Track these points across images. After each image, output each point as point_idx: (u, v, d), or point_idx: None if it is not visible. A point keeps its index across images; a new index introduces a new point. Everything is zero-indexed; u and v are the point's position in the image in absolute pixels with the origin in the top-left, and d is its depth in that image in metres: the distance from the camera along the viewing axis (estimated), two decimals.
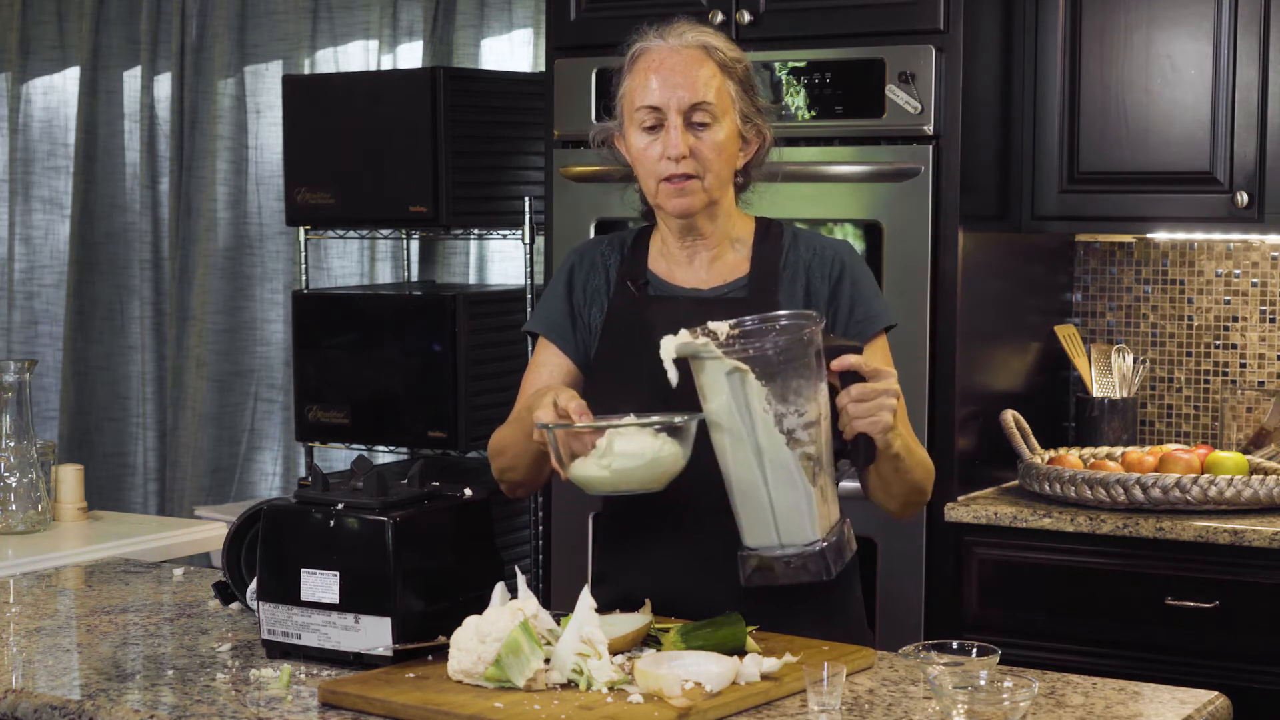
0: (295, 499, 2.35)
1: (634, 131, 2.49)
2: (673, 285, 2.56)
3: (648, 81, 2.47)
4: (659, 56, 2.48)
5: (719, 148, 2.47)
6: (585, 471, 2.26)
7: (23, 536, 3.54)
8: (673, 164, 2.45)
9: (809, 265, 2.54)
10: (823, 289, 2.52)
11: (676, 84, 2.45)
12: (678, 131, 2.44)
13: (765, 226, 2.59)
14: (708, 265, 2.55)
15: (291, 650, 2.31)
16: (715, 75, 2.48)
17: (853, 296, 2.53)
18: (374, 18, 5.12)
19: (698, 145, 2.45)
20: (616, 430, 2.24)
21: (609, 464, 2.24)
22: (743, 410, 2.24)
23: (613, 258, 2.62)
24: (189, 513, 5.26)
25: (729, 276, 2.55)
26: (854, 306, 2.53)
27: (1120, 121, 3.72)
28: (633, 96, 2.49)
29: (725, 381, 2.24)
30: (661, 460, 2.25)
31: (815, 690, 2.06)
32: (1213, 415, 4.00)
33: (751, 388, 2.23)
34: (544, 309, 2.65)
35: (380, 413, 4.40)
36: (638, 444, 2.24)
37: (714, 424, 2.27)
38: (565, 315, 2.61)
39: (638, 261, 2.60)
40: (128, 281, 5.76)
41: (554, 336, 2.62)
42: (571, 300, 2.61)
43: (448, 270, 5.04)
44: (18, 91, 5.90)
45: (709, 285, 2.55)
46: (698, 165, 2.46)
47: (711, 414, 2.27)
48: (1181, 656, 3.35)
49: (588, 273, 2.62)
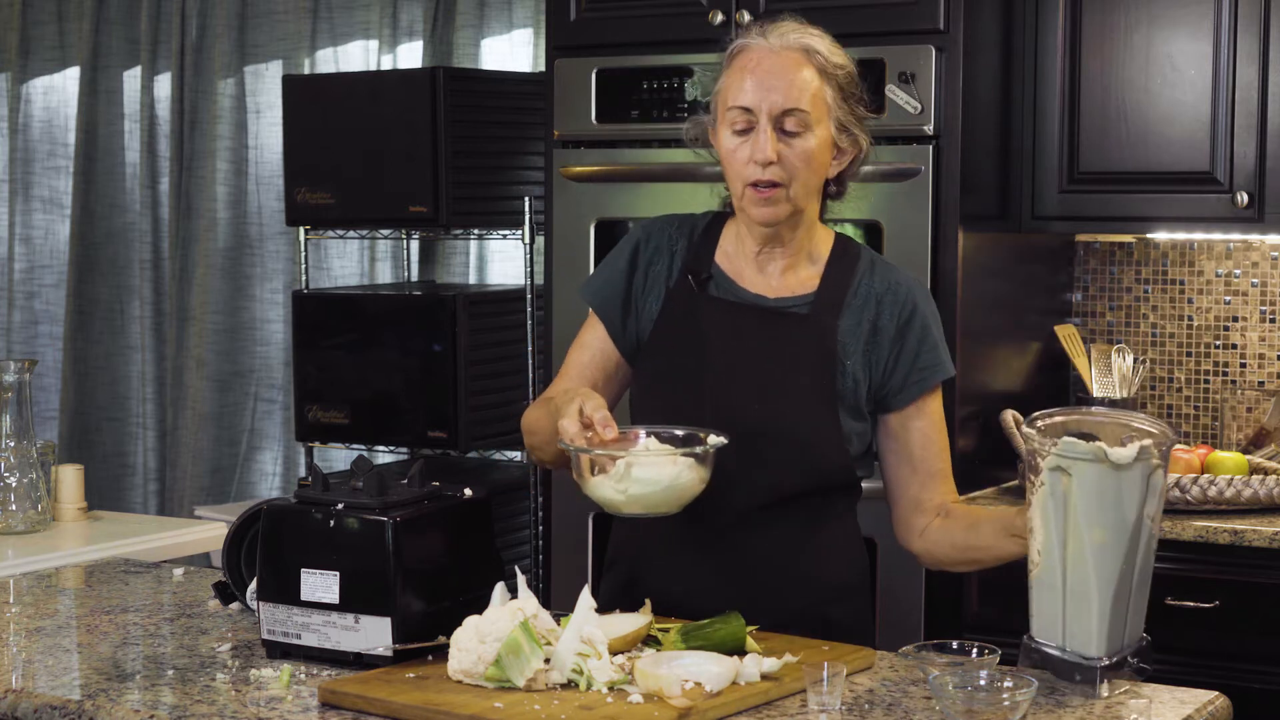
0: (295, 499, 2.35)
1: (724, 131, 2.42)
2: (737, 287, 2.50)
3: (743, 81, 2.40)
4: (757, 56, 2.41)
5: (809, 157, 2.40)
6: (602, 492, 2.26)
7: (23, 536, 3.54)
8: (759, 169, 2.38)
9: (880, 298, 2.47)
10: (890, 326, 2.47)
11: (771, 86, 2.38)
12: (767, 136, 2.37)
13: (844, 246, 2.52)
14: (779, 274, 2.49)
15: (291, 650, 2.31)
16: (814, 80, 2.40)
17: (920, 341, 2.48)
18: (374, 18, 5.12)
19: (787, 152, 2.38)
20: (635, 455, 2.22)
21: (625, 489, 2.23)
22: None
23: (680, 242, 2.54)
24: (189, 513, 5.26)
25: (797, 290, 2.48)
26: (919, 353, 2.48)
27: (1120, 121, 3.72)
28: (726, 95, 2.42)
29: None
30: (678, 487, 2.23)
31: (815, 690, 2.06)
32: (1213, 415, 4.00)
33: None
34: (601, 282, 2.56)
35: (380, 413, 4.40)
36: (655, 471, 2.22)
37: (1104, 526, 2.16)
38: (621, 294, 2.53)
39: (705, 252, 2.52)
40: (128, 281, 5.75)
41: (604, 315, 2.54)
42: (631, 281, 2.53)
43: (448, 270, 5.04)
44: (18, 91, 5.90)
45: (774, 295, 2.48)
46: (784, 173, 2.39)
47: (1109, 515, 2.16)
48: (1181, 656, 3.35)
49: (652, 255, 2.54)
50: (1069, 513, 2.13)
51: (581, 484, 2.28)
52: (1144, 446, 2.12)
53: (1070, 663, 2.16)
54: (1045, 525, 2.16)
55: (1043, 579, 2.18)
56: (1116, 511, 2.12)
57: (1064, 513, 2.14)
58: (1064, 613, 2.16)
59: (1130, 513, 2.13)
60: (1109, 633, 2.14)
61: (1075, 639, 2.16)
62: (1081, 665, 2.15)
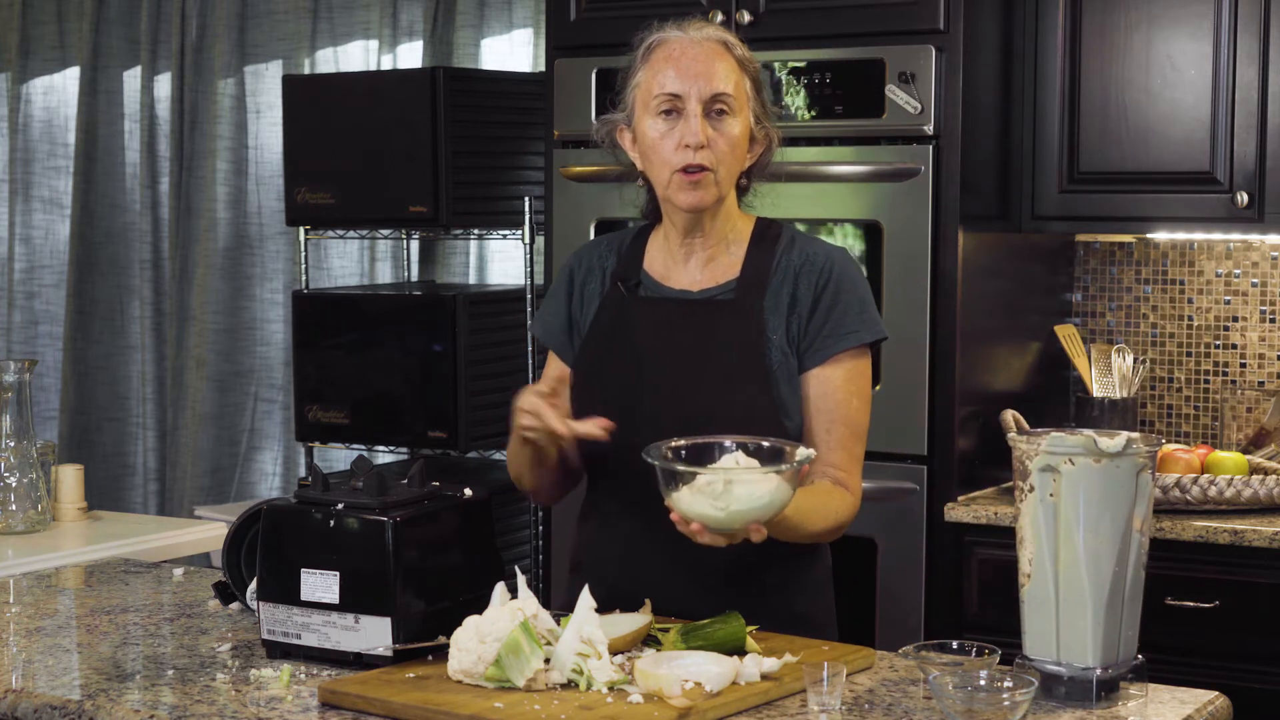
0: (295, 499, 2.35)
1: (649, 120, 2.46)
2: (664, 286, 2.56)
3: (668, 69, 2.45)
4: (679, 47, 2.47)
5: (734, 142, 2.46)
6: (698, 509, 2.19)
7: (23, 536, 3.54)
8: (691, 153, 2.43)
9: (799, 270, 2.51)
10: (807, 296, 2.49)
11: (698, 73, 2.44)
12: (698, 120, 2.43)
13: (764, 228, 2.57)
14: (702, 266, 2.54)
15: (291, 650, 2.31)
16: (734, 69, 2.47)
17: (831, 306, 2.49)
18: (374, 18, 5.12)
19: (715, 137, 2.44)
20: (734, 474, 2.19)
21: (725, 506, 2.18)
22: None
23: (609, 259, 2.61)
24: (189, 513, 5.26)
25: (720, 279, 2.53)
26: (830, 317, 2.49)
27: (1120, 121, 3.72)
28: (650, 85, 2.46)
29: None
30: (775, 503, 2.20)
31: (815, 690, 2.06)
32: (1213, 415, 4.00)
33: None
34: (546, 316, 2.65)
35: (380, 413, 4.40)
36: (756, 489, 2.18)
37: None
38: (564, 321, 2.62)
39: (633, 261, 2.59)
40: (128, 281, 5.76)
41: (552, 343, 2.63)
42: (570, 306, 2.62)
43: (448, 270, 5.04)
44: (18, 91, 5.90)
45: (699, 287, 2.54)
46: (713, 158, 2.44)
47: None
48: (1181, 656, 3.35)
49: (585, 276, 2.62)
50: (1059, 516, 2.13)
51: (672, 499, 2.22)
52: (1131, 439, 2.12)
53: (1065, 676, 2.15)
54: (1035, 534, 2.15)
55: (1034, 593, 2.17)
56: (1107, 510, 2.12)
57: (1054, 517, 2.13)
58: (1057, 624, 2.15)
59: (1121, 512, 2.12)
60: (1103, 642, 2.14)
61: (1070, 650, 2.15)
62: (1077, 677, 2.14)
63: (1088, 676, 2.13)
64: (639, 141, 2.50)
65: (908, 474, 3.61)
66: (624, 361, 2.52)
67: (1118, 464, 2.12)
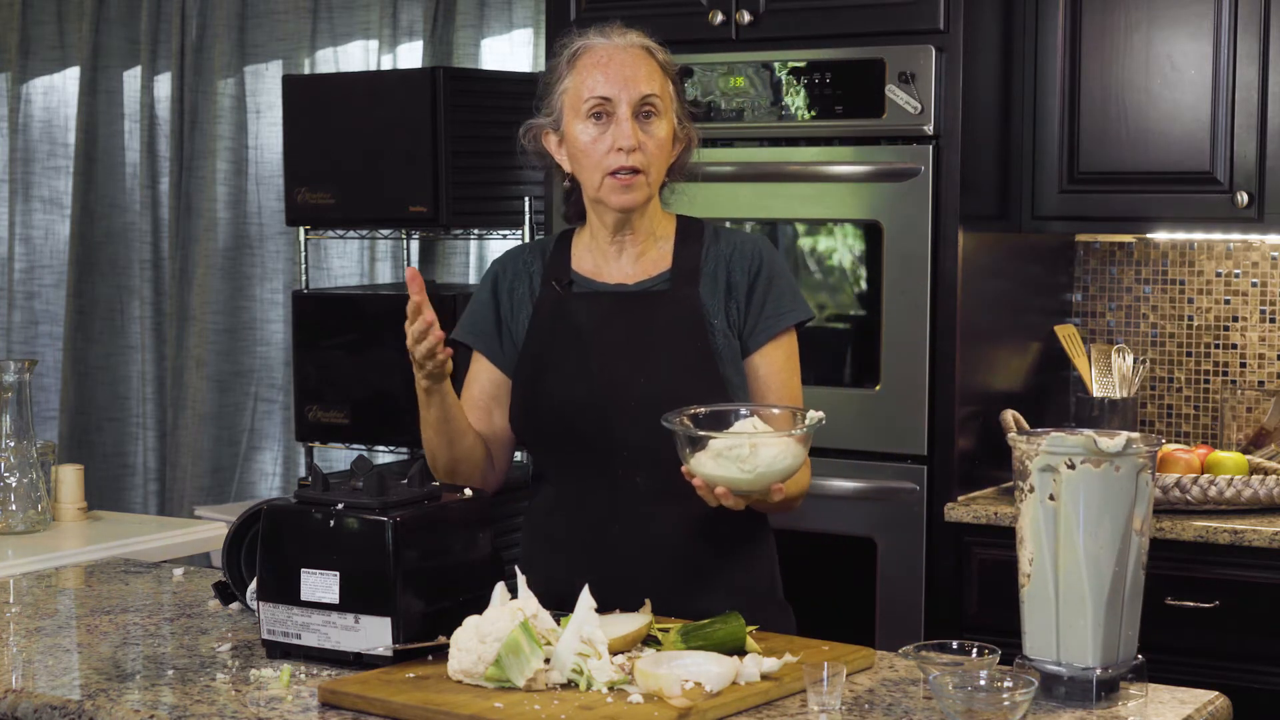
0: (295, 499, 2.35)
1: (578, 124, 2.53)
2: (596, 282, 2.61)
3: (596, 74, 2.52)
4: (606, 53, 2.55)
5: (662, 143, 2.54)
6: (723, 472, 2.27)
7: (23, 536, 3.54)
8: (623, 155, 2.50)
9: (730, 259, 2.59)
10: (742, 282, 2.58)
11: (627, 77, 2.52)
12: (629, 123, 2.50)
13: (686, 224, 2.65)
14: (634, 261, 2.61)
15: (291, 650, 2.31)
16: (657, 73, 2.56)
17: (766, 290, 2.59)
18: (374, 18, 5.12)
19: (645, 139, 2.52)
20: (759, 438, 2.27)
21: (753, 468, 2.27)
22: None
23: (535, 264, 2.67)
24: (189, 513, 5.26)
25: (653, 271, 2.60)
26: (765, 302, 2.58)
27: (1120, 121, 3.73)
28: (579, 90, 2.53)
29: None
30: (796, 465, 2.30)
31: (815, 690, 2.06)
32: (1213, 415, 4.00)
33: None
34: (470, 319, 2.69)
35: (380, 413, 4.40)
36: (780, 450, 2.27)
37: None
38: (493, 325, 2.66)
39: (561, 263, 2.64)
40: (128, 281, 5.76)
41: (482, 346, 2.67)
42: (498, 309, 2.66)
43: (448, 270, 5.04)
44: (18, 91, 5.90)
45: (634, 280, 2.60)
46: (644, 159, 2.51)
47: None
48: (1181, 656, 3.35)
49: (512, 281, 2.67)
50: (1059, 517, 2.13)
51: (693, 464, 2.29)
52: (1131, 439, 2.13)
53: (1065, 676, 2.15)
54: (1035, 534, 2.15)
55: (1034, 593, 2.17)
56: (1107, 512, 2.12)
57: (1054, 518, 2.13)
58: (1057, 624, 2.15)
59: (1121, 513, 2.12)
60: (1103, 642, 2.14)
61: (1070, 650, 2.15)
62: (1077, 677, 2.14)
63: (1088, 676, 2.13)
64: (568, 145, 2.57)
65: (908, 474, 3.61)
66: (568, 355, 2.57)
67: (1118, 466, 2.11)
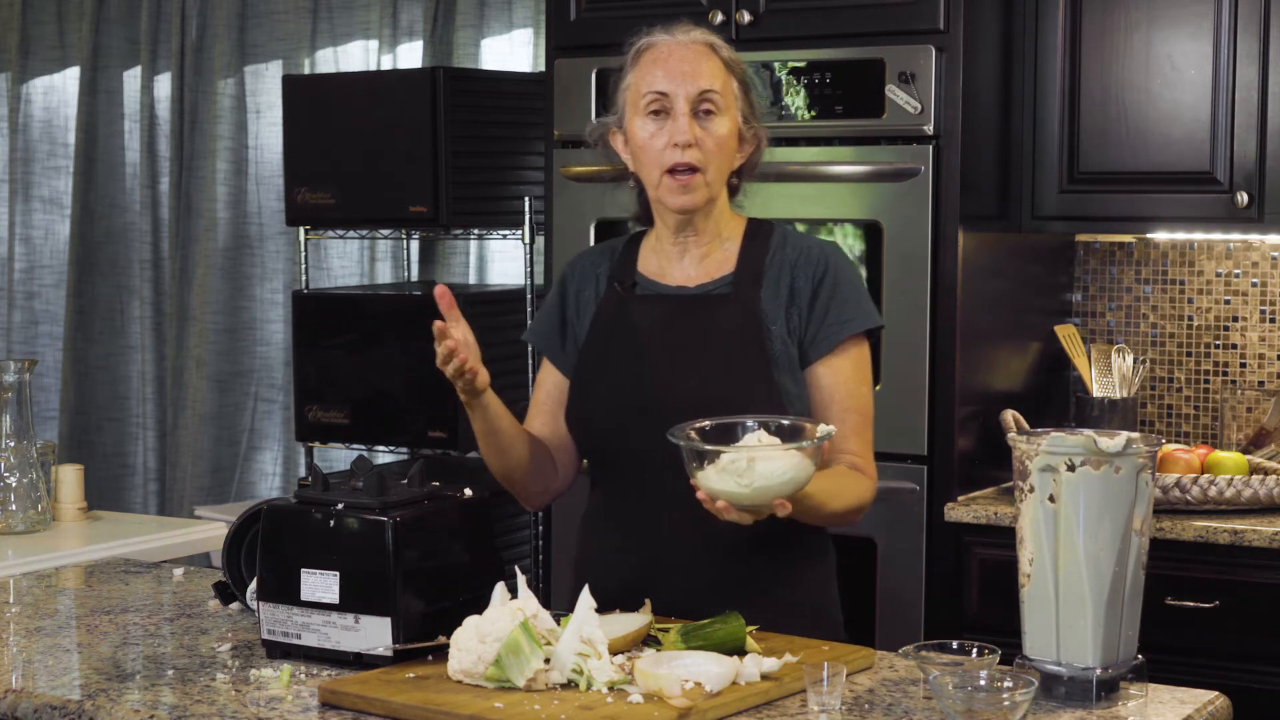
0: (295, 499, 2.35)
1: (638, 120, 2.51)
2: (660, 284, 2.59)
3: (656, 70, 2.49)
4: (666, 49, 2.51)
5: (722, 141, 2.50)
6: (723, 486, 2.23)
7: (23, 536, 3.54)
8: (679, 152, 2.47)
9: (794, 264, 2.55)
10: (806, 287, 2.54)
11: (685, 73, 2.48)
12: (685, 119, 2.47)
13: (756, 226, 2.61)
14: (697, 262, 2.57)
15: (291, 650, 2.31)
16: (720, 70, 2.51)
17: (831, 297, 2.54)
18: (374, 18, 5.12)
19: (703, 136, 2.48)
20: (757, 451, 2.23)
21: (749, 483, 2.22)
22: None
23: (603, 265, 2.65)
24: (189, 513, 5.26)
25: (715, 274, 2.57)
26: (830, 308, 2.53)
27: (1120, 121, 3.72)
28: (638, 86, 2.51)
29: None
30: (799, 479, 2.23)
31: (815, 690, 2.06)
32: (1213, 415, 4.00)
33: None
34: (538, 322, 2.68)
35: (380, 413, 4.40)
36: (778, 465, 2.22)
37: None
38: (557, 329, 2.65)
39: (627, 264, 2.62)
40: (128, 281, 5.75)
41: (547, 350, 2.66)
42: (565, 313, 2.65)
43: (448, 270, 5.04)
44: (18, 91, 5.90)
45: (696, 282, 2.57)
46: (702, 157, 2.48)
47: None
48: (1181, 656, 3.35)
49: (579, 284, 2.65)
50: (1059, 518, 2.13)
51: (697, 478, 2.26)
52: (1131, 439, 2.12)
53: (1065, 676, 2.15)
54: (1035, 534, 2.15)
55: (1034, 593, 2.17)
56: (1106, 513, 2.12)
57: (1054, 519, 2.13)
58: (1057, 624, 2.15)
59: (1121, 513, 2.12)
60: (1103, 642, 2.14)
61: (1070, 650, 2.15)
62: (1077, 677, 2.14)
63: (1088, 676, 2.13)
64: (630, 143, 2.54)
65: (908, 474, 3.61)
66: (626, 358, 2.54)
67: (1118, 467, 2.11)
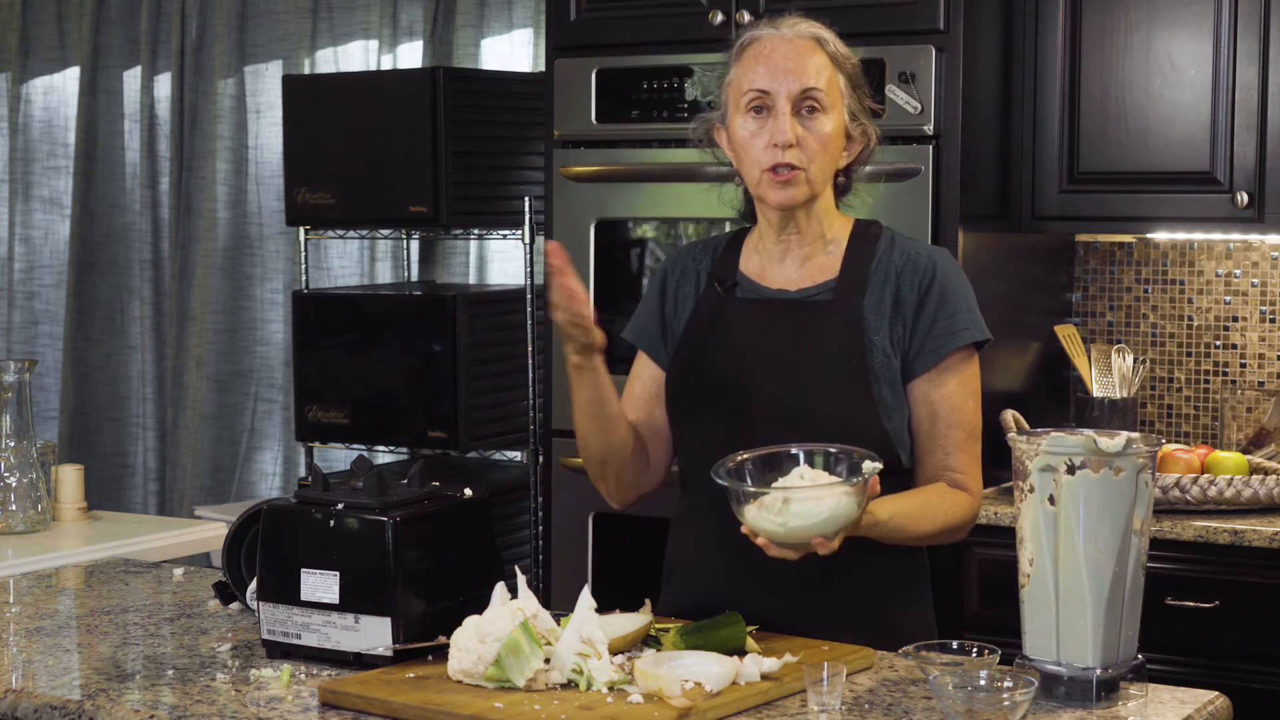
0: (295, 499, 2.35)
1: (739, 118, 2.44)
2: (761, 286, 2.51)
3: (758, 67, 2.42)
4: (770, 44, 2.43)
5: (825, 140, 2.42)
6: (762, 524, 2.20)
7: (23, 536, 3.54)
8: (779, 151, 2.39)
9: (900, 271, 2.47)
10: (911, 296, 2.46)
11: (788, 70, 2.40)
12: (786, 118, 2.39)
13: (863, 228, 2.53)
14: (799, 265, 2.50)
15: (291, 650, 2.31)
16: (826, 66, 2.43)
17: (937, 308, 2.46)
18: (374, 18, 5.12)
19: (805, 135, 2.40)
20: (793, 492, 2.19)
21: (784, 523, 2.19)
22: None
23: (704, 262, 2.58)
24: (189, 513, 5.26)
25: (818, 278, 2.49)
26: (936, 320, 2.45)
27: (1120, 121, 3.72)
28: (740, 83, 2.43)
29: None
30: (837, 518, 2.18)
31: (815, 690, 2.06)
32: (1213, 415, 4.00)
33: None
34: (637, 317, 2.61)
35: (380, 413, 4.40)
36: (814, 505, 2.18)
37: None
38: (657, 324, 2.58)
39: (729, 263, 2.55)
40: (128, 281, 5.76)
41: (644, 344, 2.60)
42: (663, 309, 2.58)
43: (448, 270, 5.04)
44: (18, 91, 5.90)
45: (797, 286, 2.50)
46: (803, 156, 2.40)
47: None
48: (1181, 656, 3.35)
49: (679, 279, 2.59)
50: (1059, 517, 2.13)
51: (741, 514, 2.22)
52: (1131, 439, 2.12)
53: (1065, 676, 2.15)
54: (1035, 534, 2.15)
55: (1034, 593, 2.17)
56: (1106, 513, 2.12)
57: (1054, 520, 2.13)
58: (1057, 624, 2.15)
59: (1121, 514, 2.12)
60: (1103, 642, 2.14)
61: (1070, 650, 2.15)
62: (1077, 677, 2.14)
63: (1088, 676, 2.13)
64: (731, 140, 2.47)
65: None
66: (721, 361, 2.48)
67: (1117, 469, 2.11)
